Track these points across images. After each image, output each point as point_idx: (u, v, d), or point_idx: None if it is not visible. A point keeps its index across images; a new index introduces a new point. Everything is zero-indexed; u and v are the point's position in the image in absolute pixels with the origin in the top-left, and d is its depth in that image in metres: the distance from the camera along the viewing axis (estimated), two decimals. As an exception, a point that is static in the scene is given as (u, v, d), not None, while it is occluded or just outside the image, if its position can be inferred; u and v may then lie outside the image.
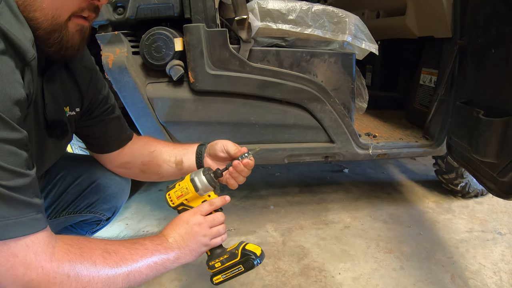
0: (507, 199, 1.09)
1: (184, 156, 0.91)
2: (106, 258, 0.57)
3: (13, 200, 0.48)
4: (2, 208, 0.46)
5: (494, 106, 1.10)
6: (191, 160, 0.90)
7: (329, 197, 1.82)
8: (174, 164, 0.91)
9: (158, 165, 0.92)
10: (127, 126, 0.94)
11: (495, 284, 1.22)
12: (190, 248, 0.70)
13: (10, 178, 0.47)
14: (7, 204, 0.47)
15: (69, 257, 0.53)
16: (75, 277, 0.53)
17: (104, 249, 0.58)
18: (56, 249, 0.53)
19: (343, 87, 1.36)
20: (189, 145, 0.93)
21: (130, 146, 0.94)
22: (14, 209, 0.48)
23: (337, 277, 1.22)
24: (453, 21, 1.42)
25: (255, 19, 1.15)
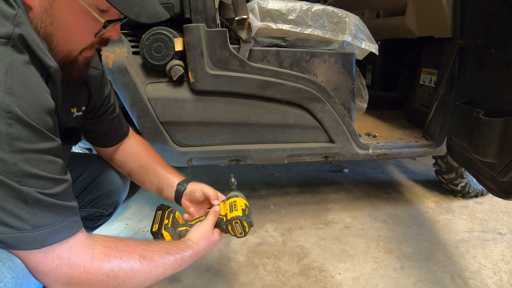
0: (507, 199, 1.09)
1: (165, 187, 0.97)
2: (142, 264, 0.63)
3: (57, 207, 0.52)
4: (48, 215, 0.50)
5: (494, 106, 1.10)
6: (171, 194, 0.97)
7: (329, 197, 1.82)
8: (156, 188, 0.98)
9: (143, 180, 0.99)
10: (125, 122, 0.99)
11: (495, 284, 1.22)
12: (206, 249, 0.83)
13: (52, 186, 0.51)
14: (52, 211, 0.51)
15: (108, 259, 0.58)
16: (113, 277, 0.58)
17: (141, 255, 0.64)
18: (96, 251, 0.57)
19: (343, 87, 1.36)
20: (171, 176, 0.98)
21: (126, 146, 0.99)
22: (58, 215, 0.52)
23: (337, 277, 1.22)
24: (453, 21, 1.42)
25: (255, 19, 1.15)
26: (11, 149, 0.46)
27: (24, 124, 0.47)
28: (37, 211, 0.49)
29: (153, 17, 0.61)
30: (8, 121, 0.45)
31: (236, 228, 0.87)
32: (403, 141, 1.57)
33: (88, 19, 0.58)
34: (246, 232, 0.88)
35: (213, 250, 1.34)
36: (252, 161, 1.35)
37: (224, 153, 1.30)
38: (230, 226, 0.87)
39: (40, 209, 0.49)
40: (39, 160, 0.49)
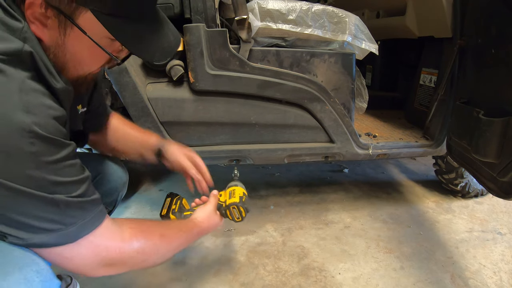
0: (507, 199, 1.09)
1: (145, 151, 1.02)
2: (162, 240, 0.72)
3: (84, 204, 0.57)
4: (78, 212, 0.55)
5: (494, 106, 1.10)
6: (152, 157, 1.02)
7: (329, 197, 1.82)
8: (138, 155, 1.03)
9: (126, 151, 1.04)
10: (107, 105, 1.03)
11: (495, 284, 1.22)
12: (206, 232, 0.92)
13: (77, 187, 0.55)
14: (81, 208, 0.56)
15: (136, 238, 0.66)
16: (142, 252, 0.67)
17: (160, 233, 0.73)
18: (125, 233, 0.65)
19: (343, 87, 1.36)
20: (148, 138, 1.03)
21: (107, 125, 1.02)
22: (86, 211, 0.57)
23: (337, 277, 1.22)
24: (453, 21, 1.42)
25: (255, 19, 1.15)
26: (37, 166, 0.49)
27: (45, 140, 0.49)
28: (69, 211, 0.54)
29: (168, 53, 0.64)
30: (30, 140, 0.47)
31: (234, 213, 0.97)
32: (403, 141, 1.57)
33: (100, 52, 0.59)
34: (243, 217, 0.98)
35: (213, 250, 1.34)
36: (252, 161, 1.35)
37: (224, 153, 1.30)
38: (228, 211, 0.97)
39: (71, 209, 0.54)
40: (63, 167, 0.53)
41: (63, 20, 0.54)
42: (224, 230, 1.49)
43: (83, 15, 0.54)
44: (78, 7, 0.53)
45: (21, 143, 0.46)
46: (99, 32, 0.55)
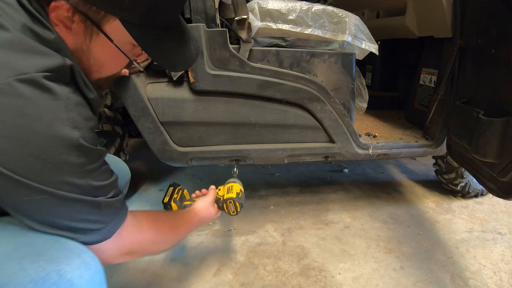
0: (507, 199, 1.09)
1: None
2: (171, 230, 0.83)
3: (117, 203, 0.62)
4: (113, 211, 0.62)
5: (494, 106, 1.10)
6: None
7: (329, 197, 1.82)
8: None
9: None
10: None
11: (495, 284, 1.22)
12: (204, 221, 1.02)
13: (111, 189, 0.61)
14: (115, 207, 0.62)
15: (151, 229, 0.75)
16: (155, 242, 0.76)
17: (169, 224, 0.83)
18: (143, 226, 0.73)
19: (343, 87, 1.36)
20: None
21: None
22: (117, 208, 0.63)
23: (337, 277, 1.22)
24: (453, 21, 1.41)
25: (255, 19, 1.15)
26: (83, 175, 0.53)
27: (88, 151, 0.53)
28: (107, 211, 0.60)
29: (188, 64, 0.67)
30: (78, 153, 0.51)
31: (230, 207, 1.06)
32: (403, 141, 1.57)
33: (122, 56, 0.61)
34: (238, 212, 1.07)
35: (213, 250, 1.34)
36: (252, 161, 1.35)
37: (224, 153, 1.30)
38: (225, 205, 1.06)
39: (109, 209, 0.60)
40: (100, 172, 0.58)
41: (90, 26, 0.55)
42: (224, 230, 1.49)
43: (110, 23, 0.55)
44: (106, 15, 0.54)
45: (70, 157, 0.50)
46: (124, 39, 0.57)
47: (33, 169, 0.48)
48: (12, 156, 0.46)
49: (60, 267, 0.50)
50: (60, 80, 0.51)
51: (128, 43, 0.59)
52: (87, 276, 0.52)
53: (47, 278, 0.48)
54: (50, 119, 0.48)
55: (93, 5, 0.53)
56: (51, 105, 0.49)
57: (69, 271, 0.50)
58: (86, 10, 0.53)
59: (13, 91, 0.45)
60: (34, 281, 0.47)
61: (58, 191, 0.50)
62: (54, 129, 0.48)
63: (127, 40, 0.58)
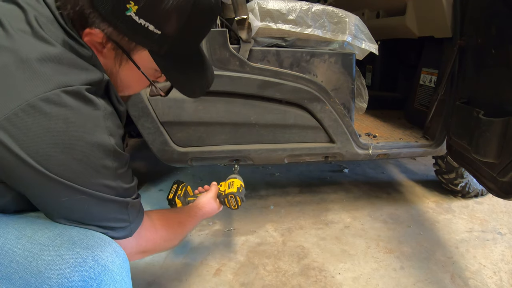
0: (507, 199, 1.09)
1: None
2: (180, 226, 0.89)
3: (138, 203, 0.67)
4: (135, 211, 0.66)
5: (494, 106, 1.10)
6: None
7: (329, 197, 1.82)
8: None
9: None
10: None
11: (495, 284, 1.22)
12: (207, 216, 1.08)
13: (134, 190, 0.66)
14: (137, 207, 0.67)
15: (164, 228, 0.80)
16: (167, 239, 0.81)
17: (178, 221, 0.89)
18: (156, 225, 0.77)
19: (343, 87, 1.36)
20: None
21: None
22: (138, 208, 0.68)
23: (337, 277, 1.22)
24: (453, 21, 1.41)
25: (255, 19, 1.15)
26: (116, 178, 0.59)
27: (120, 156, 0.58)
28: (131, 211, 0.64)
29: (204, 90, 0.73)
30: (113, 158, 0.57)
31: (231, 201, 1.10)
32: (403, 141, 1.57)
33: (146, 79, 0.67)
34: (239, 206, 1.11)
35: (213, 250, 1.34)
36: (252, 161, 1.35)
37: (224, 153, 1.30)
38: (226, 199, 1.10)
39: (133, 209, 0.65)
40: (127, 175, 0.63)
41: (120, 53, 0.60)
42: (224, 230, 1.49)
43: (139, 52, 0.61)
44: (136, 45, 0.59)
45: (107, 161, 0.56)
46: (149, 65, 0.63)
47: (76, 172, 0.53)
48: (57, 160, 0.50)
49: (95, 253, 0.54)
50: (97, 92, 0.56)
51: (152, 68, 0.64)
52: (118, 263, 0.57)
53: (84, 263, 0.52)
54: (92, 127, 0.53)
55: (125, 36, 0.57)
56: (92, 115, 0.53)
57: (103, 257, 0.54)
58: (119, 40, 0.58)
59: (61, 101, 0.50)
60: (73, 265, 0.51)
61: (95, 192, 0.56)
62: (95, 136, 0.53)
63: (151, 66, 0.63)
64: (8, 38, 0.50)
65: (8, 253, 0.53)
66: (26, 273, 0.51)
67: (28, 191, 0.54)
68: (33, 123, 0.48)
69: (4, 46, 0.49)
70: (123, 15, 0.53)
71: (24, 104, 0.47)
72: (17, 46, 0.50)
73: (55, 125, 0.49)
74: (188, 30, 0.59)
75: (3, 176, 0.52)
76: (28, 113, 0.48)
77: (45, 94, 0.48)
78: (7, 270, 0.51)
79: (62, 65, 0.52)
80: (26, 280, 0.50)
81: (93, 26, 0.55)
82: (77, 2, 0.54)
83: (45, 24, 0.53)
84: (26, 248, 0.53)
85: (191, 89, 0.70)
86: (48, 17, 0.55)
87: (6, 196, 0.57)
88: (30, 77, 0.49)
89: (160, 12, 0.54)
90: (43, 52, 0.51)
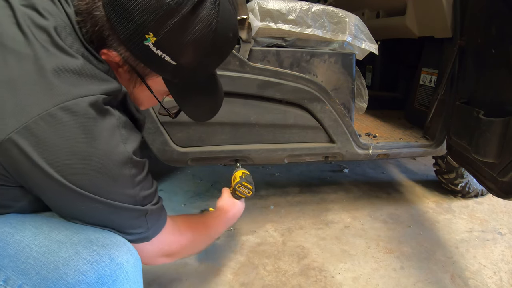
0: (507, 199, 1.09)
1: None
2: (206, 227, 0.91)
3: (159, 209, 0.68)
4: (155, 217, 0.66)
5: (494, 106, 1.10)
6: None
7: (329, 197, 1.82)
8: None
9: None
10: None
11: (495, 284, 1.22)
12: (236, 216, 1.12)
13: (154, 196, 0.66)
14: (157, 213, 0.67)
15: (189, 231, 0.82)
16: (194, 241, 0.83)
17: (203, 222, 0.92)
18: (180, 227, 0.79)
19: (343, 87, 1.36)
20: None
21: None
22: (159, 214, 0.68)
23: (337, 277, 1.22)
24: (453, 21, 1.42)
25: (255, 19, 1.15)
26: (134, 185, 0.59)
27: (137, 163, 0.59)
28: (150, 217, 0.65)
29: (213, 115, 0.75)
30: (130, 165, 0.57)
31: (242, 191, 1.14)
32: (403, 141, 1.57)
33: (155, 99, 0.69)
34: (252, 190, 1.15)
35: (213, 250, 1.34)
36: (252, 161, 1.36)
37: (224, 153, 1.30)
38: (237, 192, 1.14)
39: (152, 216, 0.65)
40: (146, 182, 0.63)
41: (135, 76, 0.62)
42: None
43: (153, 78, 0.62)
44: (151, 71, 0.60)
45: (124, 170, 0.56)
46: (161, 88, 0.65)
47: (93, 181, 0.53)
48: (75, 169, 0.51)
49: (111, 252, 0.55)
50: (113, 102, 0.57)
51: (164, 91, 0.67)
52: (132, 261, 0.58)
53: (101, 260, 0.53)
54: (108, 136, 0.54)
55: (141, 63, 0.58)
56: (109, 124, 0.54)
57: (118, 256, 0.56)
58: (135, 64, 0.59)
59: (79, 110, 0.50)
60: (89, 262, 0.52)
61: (111, 201, 0.56)
62: (111, 145, 0.54)
63: (164, 89, 0.65)
64: (29, 46, 0.50)
65: (25, 249, 0.54)
66: (43, 269, 0.52)
67: (44, 196, 0.55)
68: (52, 132, 0.49)
69: (25, 53, 0.50)
70: (140, 44, 0.53)
71: (44, 113, 0.48)
72: (38, 55, 0.50)
73: (73, 135, 0.50)
74: (204, 62, 0.60)
75: (21, 181, 0.53)
76: (47, 122, 0.48)
77: (65, 103, 0.49)
78: (24, 265, 0.52)
79: (82, 77, 0.53)
80: (43, 276, 0.51)
81: (111, 48, 0.56)
82: (96, 22, 0.55)
83: (64, 35, 0.54)
84: (43, 244, 0.54)
85: (200, 116, 0.73)
86: (68, 28, 0.55)
87: (23, 200, 0.58)
88: (51, 87, 0.49)
89: (177, 45, 0.55)
90: (64, 63, 0.51)
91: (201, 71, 0.63)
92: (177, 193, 1.78)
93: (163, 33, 0.52)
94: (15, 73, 0.49)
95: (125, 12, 0.51)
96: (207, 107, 0.73)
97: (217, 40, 0.56)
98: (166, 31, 0.52)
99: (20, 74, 0.49)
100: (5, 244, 0.54)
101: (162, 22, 0.51)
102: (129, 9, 0.51)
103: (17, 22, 0.52)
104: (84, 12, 0.55)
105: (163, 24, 0.51)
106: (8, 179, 0.53)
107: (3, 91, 0.48)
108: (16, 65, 0.49)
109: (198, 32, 0.54)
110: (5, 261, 0.53)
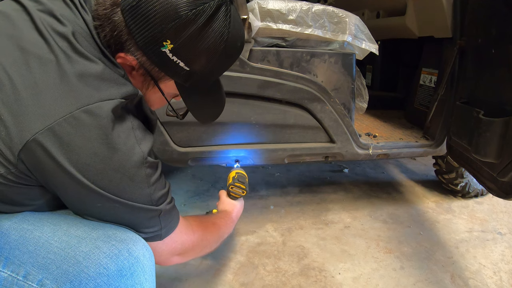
0: (507, 199, 1.09)
1: None
2: (215, 227, 0.94)
3: (172, 209, 0.70)
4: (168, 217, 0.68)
5: (494, 106, 1.10)
6: None
7: (329, 197, 1.82)
8: None
9: None
10: None
11: (495, 284, 1.22)
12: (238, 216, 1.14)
13: (167, 196, 0.68)
14: (170, 213, 0.69)
15: (201, 230, 0.84)
16: (205, 240, 0.85)
17: (212, 222, 0.94)
18: (193, 227, 0.81)
19: (343, 87, 1.36)
20: None
21: None
22: (172, 214, 0.70)
23: (337, 277, 1.22)
24: (453, 21, 1.42)
25: (255, 19, 1.15)
26: (149, 185, 0.61)
27: (152, 164, 0.61)
28: (164, 217, 0.67)
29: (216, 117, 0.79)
30: (145, 165, 0.59)
31: (236, 191, 1.16)
32: (403, 141, 1.57)
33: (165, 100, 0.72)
34: (245, 189, 1.17)
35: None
36: (252, 161, 1.36)
37: (224, 153, 1.30)
38: (231, 193, 1.16)
39: (165, 216, 0.67)
40: (160, 182, 0.64)
41: (149, 80, 0.65)
42: (224, 230, 1.49)
43: (166, 82, 0.65)
44: (165, 75, 0.63)
45: (140, 170, 0.59)
46: (172, 91, 0.68)
47: (112, 181, 0.56)
48: (95, 169, 0.54)
49: (128, 246, 0.58)
50: (129, 106, 0.60)
51: (174, 93, 0.70)
52: (147, 256, 0.61)
53: (120, 254, 0.56)
54: (125, 138, 0.57)
55: (156, 67, 0.61)
56: (125, 127, 0.57)
57: (135, 250, 0.58)
58: (150, 69, 0.62)
59: (103, 113, 0.53)
60: (109, 256, 0.55)
61: (127, 201, 0.58)
62: (128, 146, 0.57)
63: (175, 92, 0.69)
64: (51, 52, 0.53)
65: (45, 245, 0.56)
66: (64, 263, 0.54)
67: (65, 194, 0.57)
68: (75, 133, 0.51)
69: (47, 58, 0.52)
70: (157, 50, 0.57)
71: (68, 115, 0.51)
72: (61, 61, 0.53)
73: (95, 136, 0.53)
74: (214, 68, 0.64)
75: (43, 180, 0.55)
76: (71, 124, 0.51)
77: (88, 106, 0.52)
78: (44, 260, 0.54)
79: (103, 81, 0.55)
80: (64, 270, 0.53)
81: (128, 52, 0.59)
82: (115, 27, 0.57)
83: (82, 41, 0.57)
84: (63, 240, 0.56)
85: (205, 118, 0.77)
86: (85, 33, 0.58)
87: (42, 199, 0.61)
88: (74, 91, 0.52)
89: (192, 52, 0.58)
90: (86, 68, 0.54)
91: (211, 76, 0.67)
92: (177, 193, 1.78)
93: (180, 41, 0.56)
94: (38, 77, 0.51)
95: (145, 20, 0.54)
96: (211, 109, 0.76)
97: (227, 48, 0.61)
98: (183, 39, 0.56)
99: (44, 78, 0.51)
100: (24, 241, 0.56)
101: (180, 31, 0.55)
102: (149, 17, 0.54)
103: (37, 28, 0.54)
104: (102, 17, 0.58)
105: (181, 33, 0.55)
106: (30, 179, 0.55)
107: (27, 94, 0.50)
108: (40, 69, 0.51)
109: (212, 41, 0.58)
110: (24, 257, 0.55)
